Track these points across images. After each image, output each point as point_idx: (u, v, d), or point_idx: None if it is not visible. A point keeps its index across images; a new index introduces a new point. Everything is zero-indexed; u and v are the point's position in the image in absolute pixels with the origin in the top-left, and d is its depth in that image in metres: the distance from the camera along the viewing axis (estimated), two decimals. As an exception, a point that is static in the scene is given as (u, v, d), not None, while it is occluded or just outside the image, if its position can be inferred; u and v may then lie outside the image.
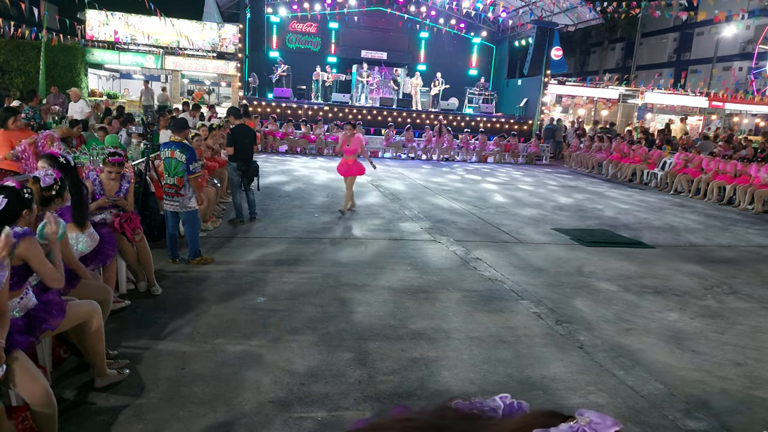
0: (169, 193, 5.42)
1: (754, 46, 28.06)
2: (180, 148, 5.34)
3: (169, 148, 5.37)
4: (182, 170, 5.32)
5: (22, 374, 2.51)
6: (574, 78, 32.58)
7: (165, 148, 5.43)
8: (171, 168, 5.35)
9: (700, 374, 3.91)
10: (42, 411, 2.53)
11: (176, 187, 5.37)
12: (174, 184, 5.37)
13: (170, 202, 5.46)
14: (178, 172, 5.34)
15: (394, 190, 11.29)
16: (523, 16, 22.81)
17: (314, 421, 3.05)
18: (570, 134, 20.83)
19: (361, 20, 23.10)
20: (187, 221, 5.56)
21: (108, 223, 4.44)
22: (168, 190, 5.42)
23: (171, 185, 5.39)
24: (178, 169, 5.33)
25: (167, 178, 5.39)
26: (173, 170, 5.34)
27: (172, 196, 5.42)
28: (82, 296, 3.29)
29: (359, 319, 4.51)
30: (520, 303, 5.10)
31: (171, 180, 5.37)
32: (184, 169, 5.32)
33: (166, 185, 5.42)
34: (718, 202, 12.40)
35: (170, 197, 5.44)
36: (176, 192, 5.39)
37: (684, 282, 6.10)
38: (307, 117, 18.93)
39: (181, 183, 5.34)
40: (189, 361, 3.61)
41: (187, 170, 5.31)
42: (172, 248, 5.64)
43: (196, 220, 5.62)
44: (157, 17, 17.34)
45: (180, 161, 5.31)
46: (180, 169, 5.32)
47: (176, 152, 5.32)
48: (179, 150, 5.32)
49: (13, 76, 16.65)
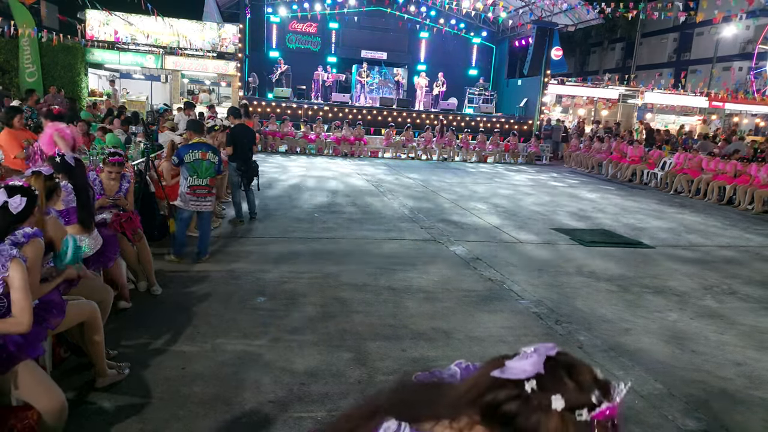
0: (201, 194, 5.50)
1: (753, 46, 28.06)
2: (212, 150, 5.50)
3: (200, 150, 5.43)
4: (213, 171, 5.46)
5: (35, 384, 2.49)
6: (575, 78, 32.58)
7: (193, 149, 5.43)
8: (202, 169, 5.44)
9: (699, 374, 3.91)
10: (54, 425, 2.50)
11: (209, 187, 5.53)
12: (207, 184, 5.50)
13: (201, 203, 5.54)
14: (210, 173, 5.47)
15: (393, 188, 11.29)
16: (523, 16, 22.81)
17: (314, 420, 3.06)
18: (572, 134, 20.85)
19: (361, 20, 23.10)
20: (207, 220, 5.71)
21: (108, 223, 4.45)
22: (199, 191, 5.49)
23: (203, 186, 5.49)
24: (210, 170, 5.46)
25: (196, 180, 5.45)
26: (205, 172, 5.45)
27: (204, 197, 5.53)
28: (82, 296, 3.28)
29: (359, 318, 4.51)
30: (520, 303, 5.10)
31: (203, 181, 5.47)
32: (216, 170, 5.47)
33: (197, 186, 5.47)
34: (718, 202, 12.41)
35: (202, 198, 5.53)
36: (209, 192, 5.55)
37: (684, 282, 6.10)
38: (307, 117, 18.94)
39: (214, 183, 5.52)
40: (189, 361, 3.61)
41: (218, 171, 5.49)
42: (183, 246, 5.71)
43: (211, 220, 5.79)
44: (154, 18, 17.34)
45: (213, 162, 5.45)
46: (212, 171, 5.47)
47: (208, 154, 5.44)
48: (211, 152, 5.47)
49: (13, 76, 16.64)
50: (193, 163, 5.42)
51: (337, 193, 10.51)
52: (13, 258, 2.42)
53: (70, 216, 3.69)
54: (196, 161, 5.41)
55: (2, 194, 2.55)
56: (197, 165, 5.42)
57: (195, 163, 5.42)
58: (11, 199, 2.55)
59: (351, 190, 10.96)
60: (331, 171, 13.86)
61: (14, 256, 2.42)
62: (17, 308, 2.43)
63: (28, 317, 2.45)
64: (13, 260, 2.42)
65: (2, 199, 2.54)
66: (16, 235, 2.54)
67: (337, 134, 17.78)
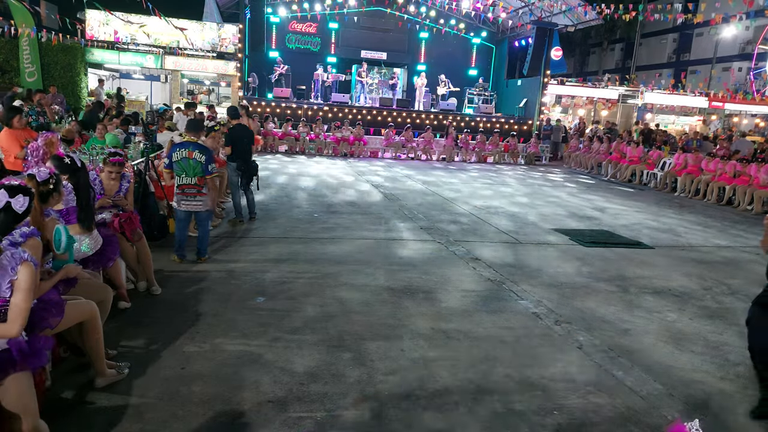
0: (190, 193, 5.48)
1: (753, 46, 28.08)
2: (199, 149, 5.44)
3: (186, 149, 5.41)
4: (201, 170, 5.43)
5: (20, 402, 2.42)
6: (575, 78, 32.58)
7: (180, 148, 5.44)
8: (189, 168, 5.42)
9: (699, 374, 3.92)
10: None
11: (198, 186, 5.48)
12: (195, 183, 5.46)
13: (192, 202, 5.51)
14: (197, 173, 5.43)
15: (392, 188, 11.30)
16: (522, 17, 22.82)
17: (313, 420, 3.06)
18: (572, 134, 20.85)
19: (361, 20, 23.10)
20: (204, 220, 5.69)
21: (108, 223, 4.45)
22: (188, 191, 5.47)
23: (192, 185, 5.46)
24: (197, 169, 5.42)
25: (184, 179, 5.45)
26: (192, 171, 5.43)
27: (194, 196, 5.49)
28: (81, 296, 3.28)
29: (359, 318, 4.51)
30: (520, 303, 5.10)
31: (191, 180, 5.45)
32: (203, 170, 5.43)
33: (185, 185, 5.46)
34: (717, 203, 12.41)
35: (191, 197, 5.49)
36: (198, 191, 5.49)
37: (683, 282, 6.11)
38: (306, 117, 18.94)
39: (203, 182, 5.47)
40: (188, 361, 3.62)
41: (205, 171, 5.43)
42: (183, 247, 5.70)
43: (210, 220, 5.77)
44: (156, 17, 17.34)
45: (199, 161, 5.41)
46: (199, 170, 5.43)
47: (195, 153, 5.40)
48: (198, 151, 5.42)
49: (13, 76, 16.63)
50: (180, 161, 5.42)
51: (337, 194, 10.51)
52: (23, 261, 2.38)
53: (70, 215, 3.69)
54: (182, 159, 5.40)
55: (3, 195, 2.54)
56: (184, 163, 5.41)
57: (182, 161, 5.41)
58: (13, 199, 2.54)
59: (350, 191, 10.97)
60: (330, 171, 13.86)
61: (25, 259, 2.39)
62: (14, 311, 2.36)
63: (21, 323, 2.38)
64: (23, 263, 2.38)
65: (4, 199, 2.53)
66: (14, 234, 2.52)
67: (337, 134, 17.79)
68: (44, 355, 2.55)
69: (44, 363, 2.62)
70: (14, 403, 2.41)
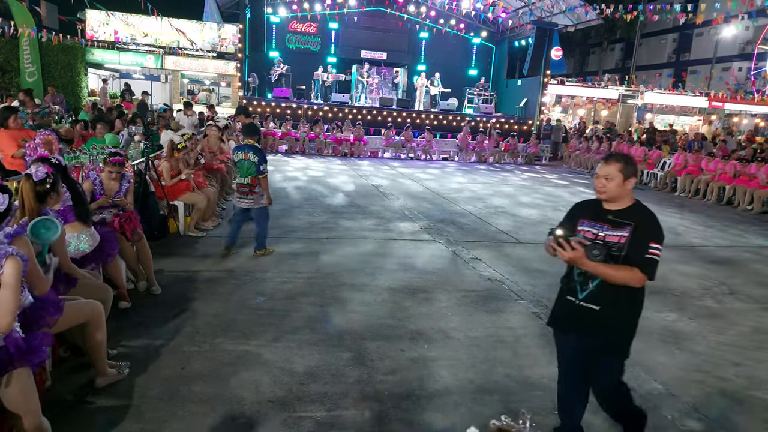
0: (243, 192, 5.93)
1: (753, 46, 28.06)
2: (253, 150, 5.83)
3: (243, 151, 5.85)
4: (254, 171, 5.80)
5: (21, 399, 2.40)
6: (575, 78, 32.59)
7: (239, 150, 5.90)
8: (243, 169, 5.84)
9: (699, 374, 3.92)
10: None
11: (250, 186, 5.87)
12: (248, 183, 5.86)
13: (245, 200, 5.95)
14: (251, 173, 5.82)
15: (393, 188, 11.30)
16: (522, 17, 22.82)
17: (313, 420, 3.06)
18: (572, 134, 20.85)
19: (361, 20, 23.09)
20: (260, 217, 6.03)
21: (108, 223, 4.45)
22: (242, 189, 5.94)
23: (245, 185, 5.89)
24: (251, 170, 5.81)
25: (239, 179, 5.92)
26: (246, 171, 5.84)
27: (246, 195, 5.93)
28: (81, 296, 3.28)
29: (358, 318, 4.51)
30: (520, 303, 5.10)
31: (245, 180, 5.86)
32: (256, 170, 5.79)
33: (240, 185, 5.93)
34: (717, 203, 12.41)
35: (244, 195, 5.94)
36: (250, 191, 5.89)
37: (683, 282, 6.11)
38: (306, 117, 18.94)
39: (255, 182, 5.84)
40: (188, 361, 3.62)
41: (258, 171, 5.78)
42: (233, 238, 6.09)
43: (267, 216, 6.12)
44: (155, 17, 17.35)
45: (253, 162, 5.79)
46: (252, 170, 5.80)
47: (249, 154, 5.81)
48: (252, 152, 5.81)
49: (13, 76, 16.65)
50: (238, 163, 5.90)
51: (337, 194, 10.51)
52: (8, 256, 2.29)
53: (67, 214, 3.68)
54: (240, 161, 5.87)
55: None
56: (240, 165, 5.87)
57: (239, 162, 5.89)
58: None
59: (351, 191, 10.97)
60: (330, 171, 13.86)
61: (9, 253, 2.30)
62: (2, 308, 2.30)
63: (10, 319, 2.33)
64: (8, 258, 2.29)
65: None
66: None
67: (337, 134, 17.79)
68: (43, 352, 2.52)
69: (43, 359, 2.59)
70: (16, 401, 2.40)
